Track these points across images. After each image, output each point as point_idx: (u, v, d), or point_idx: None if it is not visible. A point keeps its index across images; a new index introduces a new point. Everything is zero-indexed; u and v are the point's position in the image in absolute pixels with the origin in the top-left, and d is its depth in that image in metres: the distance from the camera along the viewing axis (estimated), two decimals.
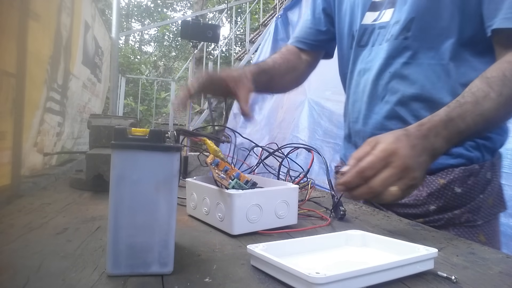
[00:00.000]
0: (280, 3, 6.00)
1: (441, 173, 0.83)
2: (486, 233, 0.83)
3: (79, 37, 1.80)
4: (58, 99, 1.49)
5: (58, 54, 1.43)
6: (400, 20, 0.85)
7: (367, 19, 0.93)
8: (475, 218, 0.82)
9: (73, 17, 1.61)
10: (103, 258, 0.45)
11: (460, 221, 0.82)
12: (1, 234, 0.54)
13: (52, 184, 1.01)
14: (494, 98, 0.70)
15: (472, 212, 0.82)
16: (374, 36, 0.91)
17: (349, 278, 0.37)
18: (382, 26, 0.90)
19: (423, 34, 0.83)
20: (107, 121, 1.03)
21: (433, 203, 0.83)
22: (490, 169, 0.84)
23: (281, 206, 0.62)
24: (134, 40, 19.60)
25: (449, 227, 0.81)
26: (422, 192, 0.83)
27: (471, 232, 0.81)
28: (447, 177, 0.82)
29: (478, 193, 0.82)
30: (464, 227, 0.82)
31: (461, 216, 0.82)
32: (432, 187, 0.83)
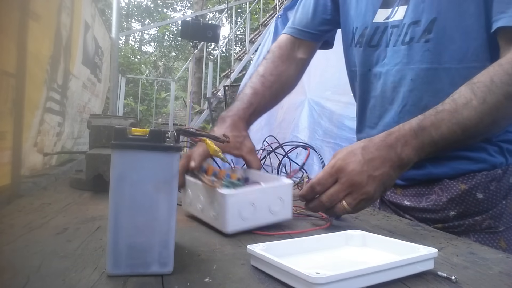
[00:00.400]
0: (280, 3, 6.00)
1: (462, 178, 0.79)
2: (507, 239, 0.79)
3: (79, 37, 1.80)
4: (58, 99, 1.49)
5: (58, 54, 1.43)
6: (420, 21, 0.79)
7: (379, 17, 0.86)
8: (496, 225, 0.79)
9: (73, 17, 1.61)
10: (103, 258, 0.45)
11: (481, 227, 0.79)
12: (1, 234, 0.54)
13: (52, 184, 1.01)
14: (476, 106, 0.65)
15: (493, 218, 0.78)
16: (387, 36, 0.85)
17: (349, 278, 0.37)
18: (395, 25, 0.83)
19: (447, 35, 0.76)
20: (107, 121, 1.03)
21: (453, 209, 0.79)
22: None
23: (275, 203, 0.62)
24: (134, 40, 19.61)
25: (469, 233, 0.78)
26: (441, 197, 0.80)
27: (492, 238, 0.79)
28: (469, 182, 0.79)
29: (501, 198, 0.79)
30: (485, 233, 0.79)
31: (482, 223, 0.79)
32: (452, 192, 0.79)
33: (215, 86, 6.93)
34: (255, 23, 8.95)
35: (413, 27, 0.80)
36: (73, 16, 1.61)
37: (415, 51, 0.80)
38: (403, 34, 0.81)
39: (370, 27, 0.87)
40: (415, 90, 0.80)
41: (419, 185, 0.84)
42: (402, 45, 0.82)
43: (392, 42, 0.84)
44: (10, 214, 0.65)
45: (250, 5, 7.39)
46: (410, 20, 0.80)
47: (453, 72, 0.77)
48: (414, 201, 0.84)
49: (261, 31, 6.43)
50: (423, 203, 0.82)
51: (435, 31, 0.77)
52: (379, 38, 0.86)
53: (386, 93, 0.86)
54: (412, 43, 0.80)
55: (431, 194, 0.82)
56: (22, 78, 0.99)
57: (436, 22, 0.77)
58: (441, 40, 0.77)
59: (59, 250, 0.48)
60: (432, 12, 0.77)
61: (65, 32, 1.50)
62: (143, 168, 0.41)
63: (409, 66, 0.81)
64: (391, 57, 0.84)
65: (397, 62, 0.83)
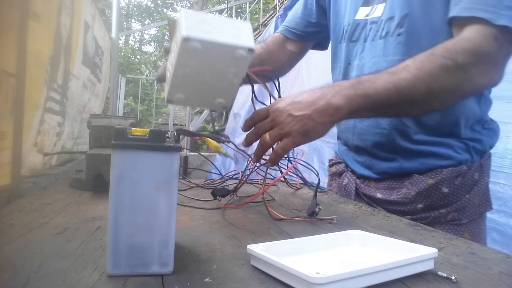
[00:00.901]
0: (280, 3, 6.01)
1: (430, 173, 0.85)
2: (471, 231, 0.85)
3: (79, 37, 1.81)
4: (58, 99, 1.49)
5: (58, 54, 1.43)
6: (394, 16, 0.85)
7: (360, 14, 0.93)
8: (460, 217, 0.84)
9: (73, 17, 1.61)
10: (103, 258, 0.45)
11: (446, 219, 0.84)
12: (1, 234, 0.54)
13: (52, 184, 1.01)
14: (413, 70, 0.69)
15: (457, 211, 0.84)
16: (366, 31, 0.91)
17: (349, 278, 0.37)
18: (373, 21, 0.89)
19: (416, 30, 0.82)
20: (107, 121, 1.03)
21: (421, 202, 0.85)
22: (478, 170, 0.86)
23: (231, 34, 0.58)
24: (134, 40, 19.61)
25: (435, 225, 0.82)
26: (411, 191, 0.86)
27: (456, 230, 0.83)
28: (436, 177, 0.84)
29: (465, 193, 0.84)
30: (450, 225, 0.84)
31: (447, 215, 0.84)
32: (420, 186, 0.85)
33: None
34: (255, 23, 8.94)
35: (388, 22, 0.86)
36: (73, 16, 1.61)
37: (390, 44, 0.85)
38: (381, 29, 0.87)
39: (352, 23, 0.94)
40: None
41: (391, 179, 0.89)
42: (379, 39, 0.88)
43: (371, 37, 0.90)
44: (10, 214, 0.65)
45: (250, 5, 7.40)
46: (387, 16, 0.86)
47: None
48: (385, 194, 0.89)
49: (261, 31, 6.43)
50: (393, 196, 0.88)
51: (406, 26, 0.83)
52: (359, 33, 0.93)
53: None
54: (387, 37, 0.86)
55: (401, 188, 0.88)
56: (22, 78, 0.99)
57: (408, 18, 0.83)
58: (411, 34, 0.82)
59: (59, 250, 0.48)
60: (404, 8, 0.83)
61: (65, 32, 1.50)
62: (143, 168, 0.41)
63: (385, 58, 0.86)
64: (369, 51, 0.90)
65: (375, 55, 0.88)
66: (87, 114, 2.06)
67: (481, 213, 0.87)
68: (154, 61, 18.25)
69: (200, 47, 0.54)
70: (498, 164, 1.69)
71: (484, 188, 0.87)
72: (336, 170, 1.06)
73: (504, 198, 1.65)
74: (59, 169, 1.31)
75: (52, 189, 0.92)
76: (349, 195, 0.98)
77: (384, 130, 0.88)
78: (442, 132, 0.85)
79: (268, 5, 10.18)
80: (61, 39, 1.45)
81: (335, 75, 1.03)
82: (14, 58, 0.96)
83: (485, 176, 0.87)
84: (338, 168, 1.06)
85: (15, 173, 0.94)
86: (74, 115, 1.85)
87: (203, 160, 4.20)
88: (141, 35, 19.76)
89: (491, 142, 0.89)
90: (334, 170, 1.07)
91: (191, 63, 0.56)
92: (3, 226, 0.58)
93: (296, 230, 0.63)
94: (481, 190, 0.86)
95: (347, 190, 0.99)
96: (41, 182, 0.99)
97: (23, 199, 0.79)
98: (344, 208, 0.83)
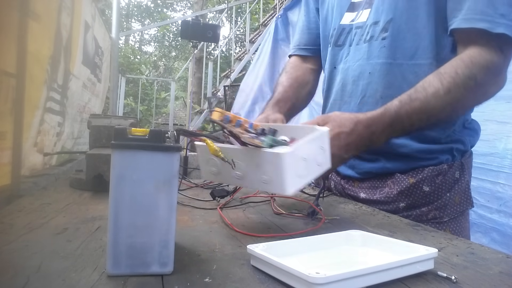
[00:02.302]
0: (280, 3, 6.00)
1: (412, 172, 0.86)
2: (452, 229, 0.86)
3: (79, 37, 1.80)
4: (58, 99, 1.49)
5: (58, 54, 1.43)
6: (379, 21, 0.87)
7: (345, 20, 0.95)
8: (441, 215, 0.86)
9: (73, 17, 1.61)
10: (103, 258, 0.45)
11: (427, 218, 0.85)
12: (1, 234, 0.54)
13: (52, 184, 1.01)
14: (442, 95, 0.73)
15: (438, 209, 0.86)
16: (351, 36, 0.93)
17: (349, 278, 0.37)
18: (358, 26, 0.91)
19: (400, 34, 0.84)
20: (107, 121, 1.03)
21: (403, 201, 0.86)
22: (458, 168, 0.87)
23: (319, 153, 0.60)
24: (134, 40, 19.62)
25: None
26: (393, 190, 0.87)
27: (437, 228, 0.84)
28: (417, 176, 0.86)
29: (445, 191, 0.86)
30: (431, 223, 0.85)
31: (428, 213, 0.86)
32: (402, 185, 0.86)
33: (215, 86, 6.93)
34: (255, 23, 8.95)
35: (373, 27, 0.88)
36: (73, 16, 1.61)
37: (374, 48, 0.88)
38: (365, 33, 0.90)
39: (337, 28, 0.97)
40: (372, 82, 0.88)
41: (374, 178, 0.91)
42: (364, 43, 0.90)
43: (356, 41, 0.92)
44: (10, 214, 0.65)
45: (250, 5, 7.39)
46: (372, 21, 0.89)
47: (404, 67, 0.85)
48: (369, 194, 0.91)
49: (261, 31, 6.43)
50: (376, 195, 0.90)
51: (390, 30, 0.85)
52: (344, 38, 0.95)
53: (346, 86, 0.94)
54: (372, 40, 0.88)
55: (384, 187, 0.89)
56: (22, 78, 0.99)
57: (392, 22, 0.85)
58: (396, 38, 0.85)
59: (59, 250, 0.47)
60: (389, 13, 0.86)
61: (65, 32, 1.50)
62: (143, 168, 0.41)
63: (369, 61, 0.89)
64: (353, 54, 0.92)
65: (359, 58, 0.91)
66: (87, 114, 2.06)
67: (462, 211, 0.88)
68: (154, 61, 18.25)
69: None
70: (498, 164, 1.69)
71: (465, 186, 0.88)
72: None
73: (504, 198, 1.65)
74: (59, 169, 1.31)
75: (52, 189, 0.92)
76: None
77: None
78: (425, 137, 0.86)
79: (268, 5, 10.18)
80: (61, 39, 1.45)
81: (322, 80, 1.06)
82: (14, 58, 0.96)
83: (466, 174, 0.89)
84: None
85: (15, 173, 0.94)
86: (74, 115, 1.85)
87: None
88: (141, 35, 19.77)
89: (472, 142, 0.91)
90: None
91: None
92: (3, 226, 0.58)
93: (296, 230, 0.62)
94: (462, 188, 0.88)
95: (335, 191, 1.01)
96: (41, 182, 0.99)
97: (23, 199, 0.79)
98: (344, 208, 0.83)
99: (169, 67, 18.67)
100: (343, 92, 0.94)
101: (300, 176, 0.55)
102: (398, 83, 0.85)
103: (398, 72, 0.85)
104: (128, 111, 10.53)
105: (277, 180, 0.53)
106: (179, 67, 16.72)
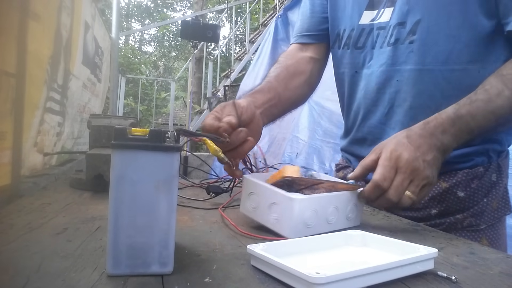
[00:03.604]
0: (280, 3, 6.01)
1: (444, 176, 0.79)
2: (489, 237, 0.80)
3: (79, 37, 1.80)
4: (58, 99, 1.49)
5: (58, 54, 1.43)
6: (405, 22, 0.79)
7: (364, 19, 0.86)
8: (478, 223, 0.79)
9: (73, 17, 1.61)
10: (103, 258, 0.45)
11: (463, 225, 0.79)
12: (1, 234, 0.54)
13: (52, 184, 1.01)
14: (508, 95, 0.68)
15: (475, 216, 0.79)
16: (373, 38, 0.85)
17: (349, 278, 0.37)
18: (381, 27, 0.83)
19: (430, 37, 0.77)
20: (107, 121, 1.03)
21: (435, 207, 0.80)
22: (495, 171, 0.81)
23: (332, 211, 0.60)
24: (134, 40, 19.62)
25: (451, 231, 0.77)
26: None
27: (474, 236, 0.79)
28: (450, 180, 0.79)
29: (482, 196, 0.79)
30: (467, 231, 0.79)
31: (463, 221, 0.79)
32: (434, 190, 0.79)
33: (215, 86, 6.93)
34: (255, 23, 8.95)
35: (398, 29, 0.80)
36: (73, 16, 1.61)
37: (400, 52, 0.80)
38: (389, 35, 0.82)
39: (356, 28, 0.87)
40: (401, 91, 0.81)
41: None
42: (387, 47, 0.82)
43: (379, 44, 0.84)
44: (10, 214, 0.65)
45: (250, 5, 7.39)
46: (396, 21, 0.80)
47: (436, 73, 0.77)
48: None
49: (261, 31, 6.43)
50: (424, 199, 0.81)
51: (419, 33, 0.77)
52: (365, 39, 0.86)
53: (369, 94, 0.86)
54: (398, 44, 0.80)
55: None
56: (22, 78, 0.99)
57: (421, 24, 0.77)
58: (425, 42, 0.77)
59: (59, 250, 0.47)
60: (417, 14, 0.77)
61: (65, 32, 1.50)
62: (143, 168, 0.41)
63: (394, 67, 0.81)
64: (376, 59, 0.84)
65: (382, 63, 0.83)
66: (87, 114, 2.06)
67: (500, 217, 0.81)
68: (154, 61, 18.26)
69: None
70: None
71: (502, 190, 0.82)
72: (344, 175, 1.00)
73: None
74: (59, 169, 1.31)
75: (52, 189, 0.92)
76: None
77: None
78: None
79: (268, 5, 10.18)
80: (61, 39, 1.44)
81: (340, 82, 0.96)
82: (14, 58, 0.96)
83: (504, 177, 0.82)
84: (346, 172, 1.00)
85: (15, 173, 0.94)
86: (74, 115, 1.85)
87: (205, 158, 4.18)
88: (141, 35, 19.77)
89: (509, 140, 0.84)
90: (342, 175, 1.01)
91: None
92: (3, 226, 0.58)
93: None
94: (500, 193, 0.81)
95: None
96: (41, 182, 0.99)
97: (23, 199, 0.79)
98: None
99: (169, 67, 18.68)
100: (367, 100, 0.86)
101: (307, 226, 0.57)
102: (430, 92, 0.77)
103: (429, 79, 0.78)
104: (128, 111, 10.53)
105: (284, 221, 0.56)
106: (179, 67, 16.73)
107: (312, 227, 0.57)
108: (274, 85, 0.87)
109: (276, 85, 0.87)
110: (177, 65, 17.97)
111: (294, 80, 0.93)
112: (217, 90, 6.63)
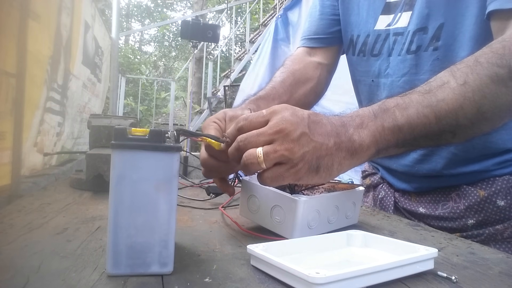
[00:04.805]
0: (280, 3, 6.00)
1: (481, 183, 0.74)
2: None
3: (79, 37, 1.80)
4: (58, 99, 1.49)
5: (58, 54, 1.43)
6: (427, 27, 0.73)
7: (380, 24, 0.81)
8: None
9: (73, 17, 1.61)
10: (103, 258, 0.45)
11: (503, 236, 0.74)
12: (1, 234, 0.54)
13: (52, 184, 1.01)
14: (454, 87, 0.53)
15: None
16: (389, 45, 0.79)
17: (349, 278, 0.37)
18: (398, 33, 0.78)
19: (455, 42, 0.71)
20: (107, 121, 1.03)
21: (472, 217, 0.75)
22: None
23: (332, 211, 0.61)
24: (134, 40, 19.63)
25: (490, 242, 0.74)
26: (459, 205, 0.76)
27: None
28: (489, 188, 0.74)
29: None
30: (507, 243, 0.74)
31: (504, 232, 0.74)
32: (470, 199, 0.75)
33: (215, 86, 6.93)
34: (255, 23, 8.95)
35: (419, 35, 0.74)
36: (73, 16, 1.61)
37: (424, 60, 0.74)
38: (408, 42, 0.76)
39: (372, 34, 0.83)
40: None
41: (435, 191, 0.79)
42: (408, 54, 0.76)
43: (396, 51, 0.78)
44: (10, 214, 0.65)
45: (250, 5, 7.39)
46: (416, 27, 0.75)
47: None
48: (429, 208, 0.80)
49: (261, 31, 6.43)
50: (439, 211, 0.78)
51: (443, 38, 0.71)
52: (380, 46, 0.81)
53: None
54: (420, 51, 0.74)
55: (447, 201, 0.78)
56: (22, 78, 0.99)
57: (444, 28, 0.71)
58: (451, 47, 0.71)
59: (59, 250, 0.47)
60: (438, 17, 0.72)
61: (65, 32, 1.50)
62: (143, 168, 0.41)
63: (418, 76, 0.75)
64: (395, 67, 0.78)
65: (404, 72, 0.77)
66: (87, 114, 2.06)
67: None
68: (154, 61, 18.26)
69: None
70: None
71: None
72: (371, 182, 0.96)
73: None
74: (59, 169, 1.31)
75: (52, 189, 0.92)
76: (386, 209, 0.87)
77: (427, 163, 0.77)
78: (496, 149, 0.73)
79: (268, 5, 10.18)
80: (61, 39, 1.45)
81: (357, 88, 0.91)
82: (14, 58, 0.96)
83: None
84: (372, 179, 0.96)
85: (15, 173, 0.94)
86: (74, 115, 1.85)
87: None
88: (141, 35, 19.78)
89: None
90: (369, 182, 0.97)
91: None
92: (3, 226, 0.58)
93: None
94: None
95: (384, 203, 0.88)
96: (41, 182, 0.99)
97: (23, 199, 0.79)
98: None
99: (169, 67, 18.69)
100: None
101: (310, 227, 0.57)
102: None
103: None
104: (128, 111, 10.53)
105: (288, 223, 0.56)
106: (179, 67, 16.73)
107: (314, 228, 0.57)
108: (279, 92, 0.84)
109: (282, 93, 0.84)
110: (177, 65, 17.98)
111: (300, 88, 0.89)
112: (217, 90, 6.63)
